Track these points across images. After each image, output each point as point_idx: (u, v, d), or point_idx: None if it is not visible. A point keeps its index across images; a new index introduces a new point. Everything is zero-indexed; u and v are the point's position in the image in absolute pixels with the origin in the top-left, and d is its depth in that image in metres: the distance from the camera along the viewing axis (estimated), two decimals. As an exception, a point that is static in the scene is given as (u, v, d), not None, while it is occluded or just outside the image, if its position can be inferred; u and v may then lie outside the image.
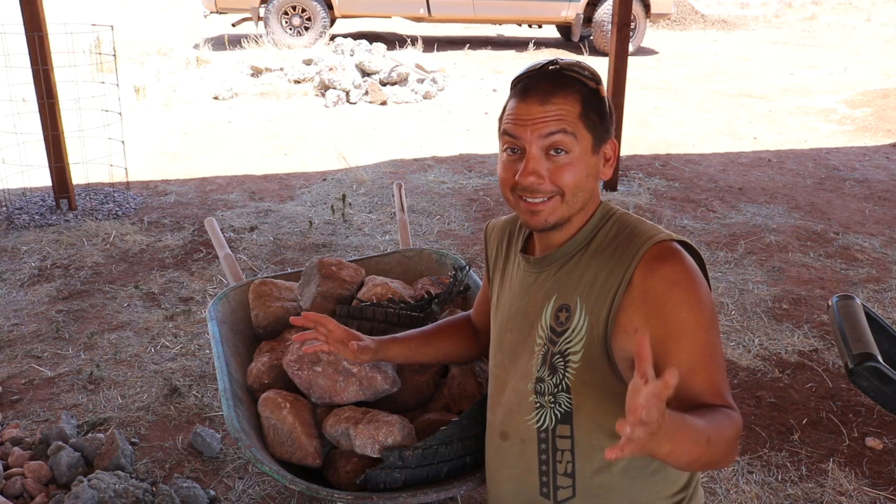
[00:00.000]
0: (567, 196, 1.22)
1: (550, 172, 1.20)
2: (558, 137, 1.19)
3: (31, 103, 4.88)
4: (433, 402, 1.76)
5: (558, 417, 1.24)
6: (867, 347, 1.10)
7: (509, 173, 1.23)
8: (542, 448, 1.26)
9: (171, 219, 4.69)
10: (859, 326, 1.14)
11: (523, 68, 1.27)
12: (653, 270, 1.15)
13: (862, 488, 2.45)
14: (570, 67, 1.22)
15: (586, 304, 1.20)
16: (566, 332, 1.22)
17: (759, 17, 17.31)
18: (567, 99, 1.20)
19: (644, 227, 1.23)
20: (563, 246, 1.27)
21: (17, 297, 3.66)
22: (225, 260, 2.23)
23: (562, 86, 1.21)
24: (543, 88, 1.20)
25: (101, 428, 2.68)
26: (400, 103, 7.95)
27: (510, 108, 1.24)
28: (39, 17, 4.47)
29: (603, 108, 1.24)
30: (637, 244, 1.19)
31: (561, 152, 1.20)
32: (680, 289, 1.13)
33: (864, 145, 6.76)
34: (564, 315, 1.23)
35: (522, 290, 1.33)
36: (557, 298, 1.25)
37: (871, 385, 1.08)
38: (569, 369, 1.21)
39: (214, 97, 7.94)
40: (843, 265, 4.14)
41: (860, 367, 1.08)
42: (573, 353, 1.21)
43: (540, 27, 12.54)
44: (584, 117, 1.20)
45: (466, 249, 4.27)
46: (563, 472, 1.25)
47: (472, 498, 2.37)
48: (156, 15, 14.30)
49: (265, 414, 1.62)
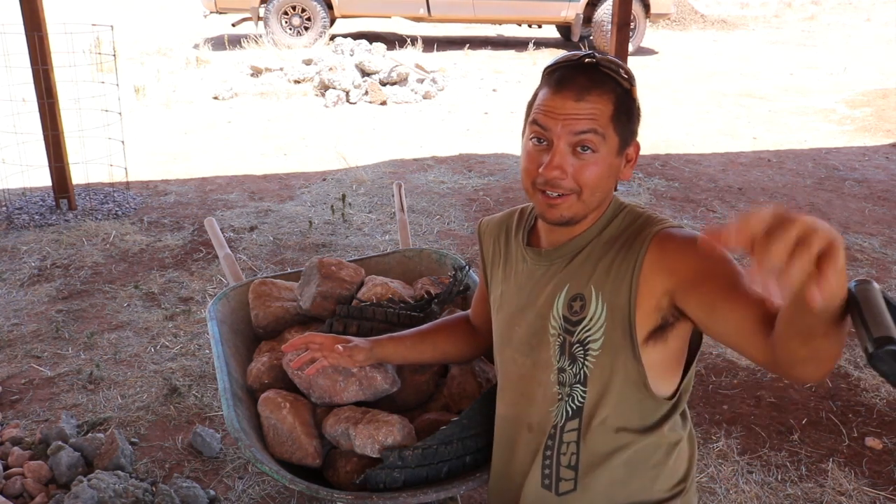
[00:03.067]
0: (584, 194, 1.22)
1: (574, 169, 1.20)
2: (588, 136, 1.18)
3: (31, 103, 4.88)
4: (433, 402, 1.76)
5: (569, 413, 1.24)
6: (889, 331, 1.08)
7: (533, 164, 1.22)
8: (548, 444, 1.27)
9: (170, 219, 4.69)
10: (879, 310, 1.12)
11: (557, 57, 1.25)
12: (665, 239, 1.18)
13: (862, 488, 2.45)
14: (608, 65, 1.21)
15: (602, 291, 1.21)
16: (583, 322, 1.22)
17: (758, 17, 17.30)
18: (602, 98, 1.19)
19: (655, 216, 1.25)
20: (576, 238, 1.28)
21: (16, 297, 3.66)
22: (225, 260, 2.23)
23: (598, 83, 1.19)
24: (579, 83, 1.19)
25: (101, 428, 2.68)
26: (400, 103, 7.95)
27: (542, 98, 1.22)
28: (39, 16, 4.47)
29: (633, 109, 1.23)
30: (649, 228, 1.21)
31: (588, 150, 1.19)
32: (693, 247, 1.15)
33: (863, 145, 6.76)
34: (579, 304, 1.23)
35: (530, 283, 1.32)
36: (570, 288, 1.25)
37: (892, 369, 1.06)
38: (588, 357, 1.22)
39: (214, 97, 7.94)
40: (842, 265, 4.14)
41: (881, 350, 1.06)
42: (593, 342, 1.21)
43: (540, 27, 12.54)
44: (615, 119, 1.20)
45: (466, 249, 4.27)
46: (567, 465, 1.26)
47: (472, 498, 2.37)
48: (156, 15, 14.29)
49: (265, 414, 1.62)
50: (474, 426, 1.47)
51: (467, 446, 1.47)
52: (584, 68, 1.20)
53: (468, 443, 1.47)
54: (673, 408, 1.25)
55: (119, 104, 5.28)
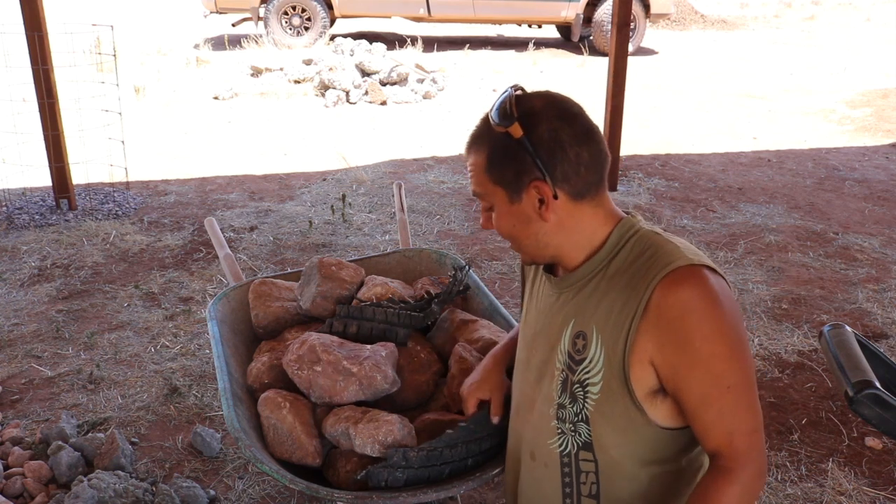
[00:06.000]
0: (514, 245, 1.24)
1: (493, 223, 1.23)
2: (478, 197, 1.22)
3: (31, 103, 4.88)
4: (433, 402, 1.76)
5: (579, 445, 1.21)
6: (865, 375, 1.11)
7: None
8: (565, 472, 1.23)
9: (171, 219, 4.69)
10: (854, 354, 1.15)
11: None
12: (667, 295, 1.08)
13: (861, 488, 2.45)
14: (494, 112, 1.16)
15: (602, 334, 1.15)
16: (584, 363, 1.17)
17: (758, 17, 17.30)
18: (478, 153, 1.19)
19: (665, 248, 1.14)
20: (582, 267, 1.21)
21: (17, 297, 3.66)
22: (225, 260, 2.23)
23: (476, 138, 1.21)
24: (467, 144, 1.22)
25: (101, 428, 2.68)
26: (400, 103, 7.95)
27: None
28: (39, 16, 4.47)
29: (511, 150, 1.14)
30: (654, 269, 1.11)
31: (489, 209, 1.22)
32: (695, 316, 1.07)
33: (863, 145, 6.76)
34: (581, 343, 1.18)
35: (545, 310, 1.28)
36: (575, 324, 1.20)
37: (873, 413, 1.10)
38: (588, 400, 1.17)
39: (214, 97, 7.94)
40: (842, 265, 4.14)
41: (861, 395, 1.09)
42: (592, 385, 1.16)
43: (540, 27, 12.54)
44: (489, 171, 1.18)
45: (466, 249, 4.27)
46: (588, 494, 1.22)
47: (472, 498, 2.37)
48: (156, 15, 14.29)
49: (265, 413, 1.62)
50: (480, 431, 1.47)
51: (471, 450, 1.47)
52: (481, 121, 1.21)
53: (472, 447, 1.47)
54: (691, 436, 1.18)
55: (119, 104, 5.28)
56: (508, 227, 1.20)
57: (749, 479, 1.10)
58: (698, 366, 1.08)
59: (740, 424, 1.10)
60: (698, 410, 1.10)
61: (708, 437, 1.11)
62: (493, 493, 2.42)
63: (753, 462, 1.10)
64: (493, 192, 1.18)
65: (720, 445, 1.10)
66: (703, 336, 1.07)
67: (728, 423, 1.09)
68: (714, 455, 1.12)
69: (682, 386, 1.10)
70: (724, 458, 1.11)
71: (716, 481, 1.10)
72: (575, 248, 1.20)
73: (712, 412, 1.09)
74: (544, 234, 1.19)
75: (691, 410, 1.11)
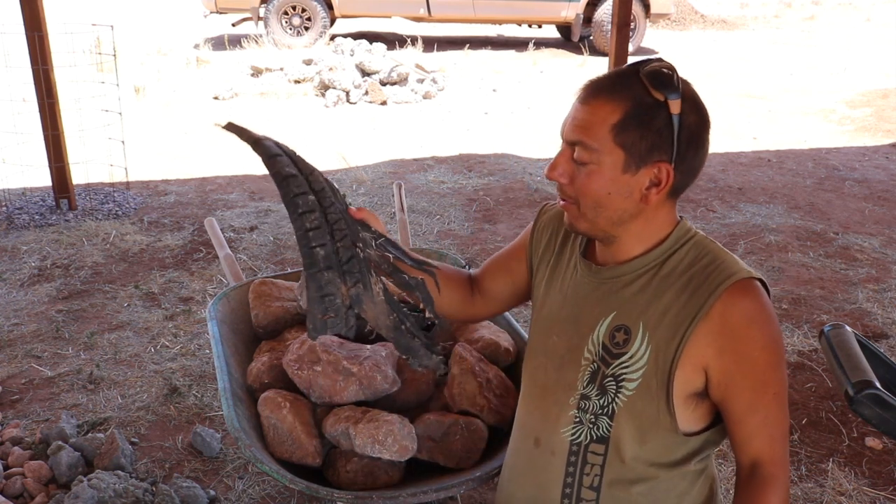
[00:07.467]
0: (582, 206, 1.15)
1: (574, 176, 1.14)
2: (577, 146, 1.12)
3: (31, 103, 4.88)
4: (433, 402, 1.76)
5: (594, 438, 1.20)
6: (865, 375, 1.12)
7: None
8: (571, 461, 1.22)
9: (171, 219, 4.69)
10: (854, 354, 1.17)
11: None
12: (733, 304, 1.10)
13: (861, 488, 2.45)
14: (650, 73, 1.09)
15: (652, 332, 1.14)
16: (623, 357, 1.16)
17: (758, 17, 17.30)
18: (608, 103, 1.09)
19: (725, 258, 1.16)
20: (633, 262, 1.19)
21: (17, 297, 3.66)
22: (225, 260, 2.23)
23: (609, 90, 1.11)
24: (594, 86, 1.12)
25: (101, 428, 2.68)
26: (400, 103, 7.95)
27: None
28: (39, 16, 4.47)
29: (656, 125, 1.09)
30: (718, 278, 1.12)
31: (582, 163, 1.13)
32: (757, 326, 1.11)
33: (863, 145, 6.76)
34: (622, 336, 1.17)
35: (577, 297, 1.25)
36: (616, 317, 1.18)
37: (873, 413, 1.11)
38: (620, 395, 1.16)
39: (214, 97, 7.94)
40: (842, 265, 4.14)
41: (861, 395, 1.10)
42: (629, 381, 1.15)
43: (540, 27, 12.54)
44: (618, 130, 1.09)
45: (466, 249, 4.27)
46: (589, 486, 1.21)
47: (472, 498, 2.37)
48: (156, 15, 14.29)
49: (265, 413, 1.62)
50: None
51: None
52: (613, 74, 1.14)
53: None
54: (705, 442, 1.20)
55: (119, 104, 5.28)
56: (600, 191, 1.12)
57: (787, 482, 1.16)
58: (752, 374, 1.12)
59: (778, 430, 1.14)
60: (745, 416, 1.13)
61: (751, 443, 1.15)
62: (493, 493, 2.42)
63: (788, 465, 1.16)
64: (609, 152, 1.10)
65: (762, 451, 1.14)
66: (762, 346, 1.11)
67: (771, 429, 1.14)
68: (754, 462, 1.15)
69: (734, 392, 1.13)
70: (766, 465, 1.14)
71: (764, 491, 1.14)
72: (639, 238, 1.19)
73: (758, 418, 1.13)
74: (630, 214, 1.15)
75: (738, 416, 1.14)
